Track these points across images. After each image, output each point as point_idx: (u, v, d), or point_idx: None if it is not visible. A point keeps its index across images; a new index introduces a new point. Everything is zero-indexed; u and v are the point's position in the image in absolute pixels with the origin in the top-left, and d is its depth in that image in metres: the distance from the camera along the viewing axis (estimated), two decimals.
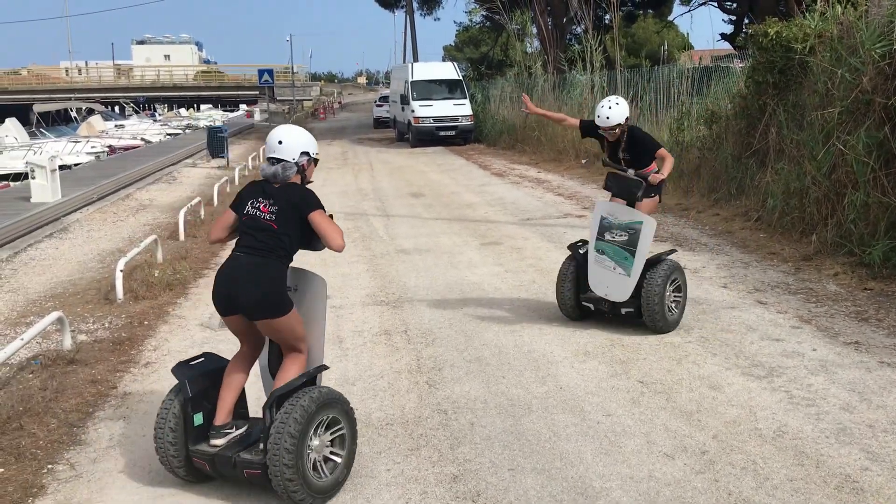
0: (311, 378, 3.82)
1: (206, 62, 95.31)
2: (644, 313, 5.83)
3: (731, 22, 35.24)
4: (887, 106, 7.23)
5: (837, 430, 4.18)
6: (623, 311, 5.95)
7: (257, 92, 55.57)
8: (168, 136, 36.22)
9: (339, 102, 69.81)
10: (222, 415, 3.78)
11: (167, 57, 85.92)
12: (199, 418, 3.75)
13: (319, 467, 3.63)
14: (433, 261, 8.67)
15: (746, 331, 5.91)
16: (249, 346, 3.91)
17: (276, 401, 3.54)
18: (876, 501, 3.47)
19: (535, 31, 27.81)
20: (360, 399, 4.85)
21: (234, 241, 3.88)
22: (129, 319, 6.62)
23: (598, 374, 5.14)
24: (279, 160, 3.81)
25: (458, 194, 14.22)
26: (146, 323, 6.55)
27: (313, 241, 3.84)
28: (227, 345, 5.92)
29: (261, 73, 36.86)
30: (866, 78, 7.49)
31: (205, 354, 4.01)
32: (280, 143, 3.83)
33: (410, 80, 26.26)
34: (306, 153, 3.89)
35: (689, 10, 39.71)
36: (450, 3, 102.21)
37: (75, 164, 22.02)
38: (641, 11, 39.20)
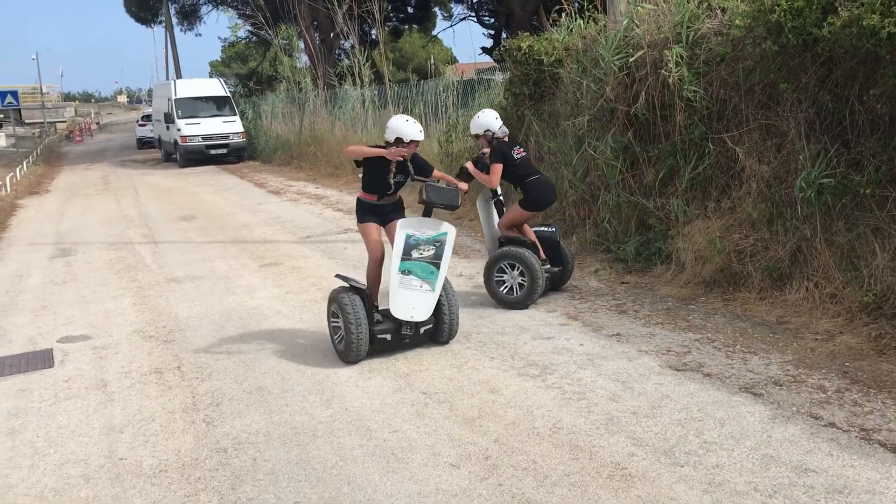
0: None
1: None
2: (444, 327, 5.85)
3: (490, 36, 37.19)
4: (629, 113, 7.89)
5: (606, 420, 4.45)
6: (422, 329, 5.78)
7: (1, 115, 50.40)
8: None
9: (97, 123, 65.09)
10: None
11: None
12: None
13: None
14: (208, 288, 8.25)
15: (520, 332, 6.17)
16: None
17: None
18: (643, 484, 3.72)
19: (302, 46, 27.61)
20: (130, 446, 4.47)
21: None
22: None
23: (382, 390, 5.11)
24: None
25: (233, 215, 13.72)
26: None
27: None
28: None
29: (2, 94, 33.48)
30: (609, 88, 8.12)
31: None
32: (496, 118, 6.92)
33: (174, 97, 25.04)
34: None
35: (452, 26, 41.47)
36: (212, 19, 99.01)
37: None
38: (406, 27, 40.30)
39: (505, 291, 6.78)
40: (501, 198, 7.13)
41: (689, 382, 4.92)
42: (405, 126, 5.74)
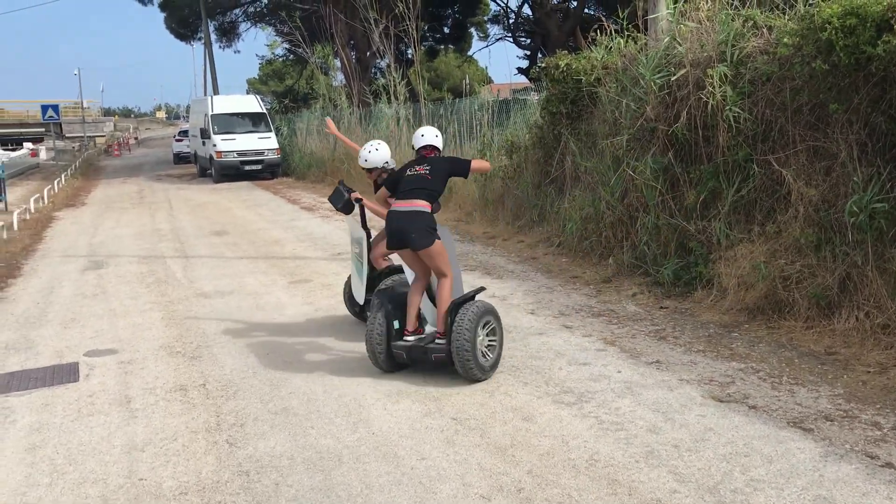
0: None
1: None
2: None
3: (526, 57, 37.18)
4: (669, 133, 7.67)
5: (646, 453, 4.22)
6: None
7: (43, 129, 51.44)
8: None
9: (136, 138, 66.16)
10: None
11: None
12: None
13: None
14: (237, 304, 8.15)
15: (555, 356, 5.95)
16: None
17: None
18: None
19: (338, 64, 27.75)
20: (151, 466, 4.33)
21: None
22: None
23: (411, 414, 4.93)
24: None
25: (265, 231, 13.68)
26: None
27: None
28: None
29: (44, 108, 34.17)
30: (649, 107, 7.92)
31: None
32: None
33: (211, 113, 25.26)
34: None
35: (487, 46, 41.52)
36: (250, 36, 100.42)
37: None
38: (442, 46, 40.44)
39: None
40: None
41: (734, 415, 4.67)
42: None
